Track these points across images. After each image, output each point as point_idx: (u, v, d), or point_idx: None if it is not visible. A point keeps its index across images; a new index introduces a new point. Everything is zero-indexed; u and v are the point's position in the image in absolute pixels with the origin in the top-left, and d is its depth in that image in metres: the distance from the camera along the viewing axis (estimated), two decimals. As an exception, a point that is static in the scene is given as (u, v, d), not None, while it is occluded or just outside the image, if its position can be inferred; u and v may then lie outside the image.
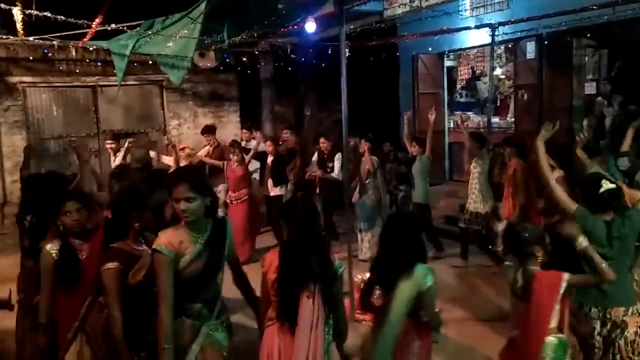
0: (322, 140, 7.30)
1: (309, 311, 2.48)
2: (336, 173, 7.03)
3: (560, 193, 3.14)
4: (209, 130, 7.97)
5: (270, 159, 7.47)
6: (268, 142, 7.61)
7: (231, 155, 7.04)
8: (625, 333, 2.92)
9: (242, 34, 6.74)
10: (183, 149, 7.10)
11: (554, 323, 2.71)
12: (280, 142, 7.81)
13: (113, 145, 7.27)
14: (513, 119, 8.62)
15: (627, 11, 5.97)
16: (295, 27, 7.17)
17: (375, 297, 2.84)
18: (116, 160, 7.01)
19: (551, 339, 2.70)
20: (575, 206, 3.06)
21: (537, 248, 2.80)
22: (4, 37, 7.08)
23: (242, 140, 8.37)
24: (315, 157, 7.39)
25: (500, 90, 9.90)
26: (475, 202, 6.15)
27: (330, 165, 7.15)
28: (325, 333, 2.56)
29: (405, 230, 2.74)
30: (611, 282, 2.78)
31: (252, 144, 7.74)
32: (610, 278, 2.76)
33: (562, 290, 2.68)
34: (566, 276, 2.69)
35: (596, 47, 8.22)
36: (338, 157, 6.99)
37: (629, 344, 2.93)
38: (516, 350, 2.85)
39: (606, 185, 3.02)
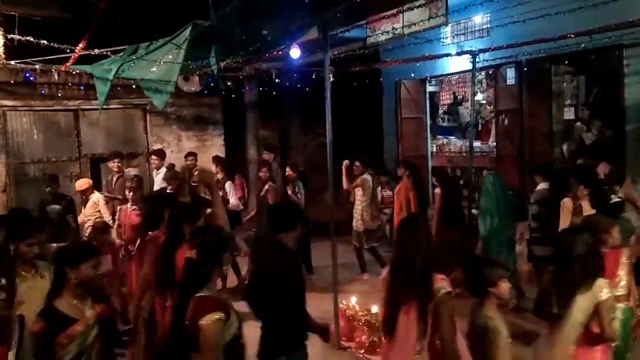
0: (287, 168, 7.54)
1: (403, 327, 2.64)
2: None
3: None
4: (157, 154, 8.24)
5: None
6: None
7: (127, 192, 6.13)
8: None
9: (227, 59, 6.77)
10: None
11: (622, 291, 3.34)
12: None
13: (157, 161, 7.90)
14: (494, 143, 8.73)
15: (604, 39, 6.13)
16: (280, 52, 7.23)
17: (382, 276, 3.03)
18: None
19: (621, 305, 3.32)
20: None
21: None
22: (-16, 61, 7.02)
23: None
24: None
25: (482, 115, 10.04)
26: (357, 220, 7.14)
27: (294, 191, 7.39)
28: (416, 352, 2.68)
29: (584, 246, 2.94)
30: None
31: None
32: None
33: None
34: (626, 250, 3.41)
35: (574, 74, 8.40)
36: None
37: None
38: None
39: None
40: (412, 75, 9.57)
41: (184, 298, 2.50)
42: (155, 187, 7.91)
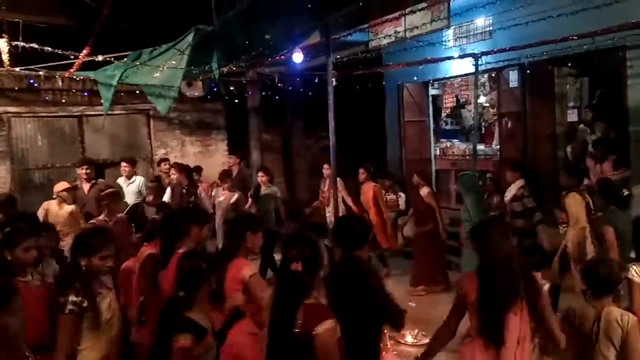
0: (260, 173, 7.42)
1: (515, 328, 2.58)
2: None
3: None
4: (128, 162, 7.78)
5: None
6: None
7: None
8: None
9: (230, 64, 6.80)
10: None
11: None
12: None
13: (128, 169, 7.52)
14: (498, 146, 8.72)
15: (607, 41, 6.13)
16: (283, 57, 7.25)
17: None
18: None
19: None
20: None
21: None
22: (-11, 67, 7.06)
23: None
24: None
25: (485, 118, 10.03)
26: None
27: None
28: (531, 350, 2.73)
29: None
30: None
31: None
32: None
33: None
34: None
35: (577, 76, 8.41)
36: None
37: None
38: None
39: None
40: (415, 78, 9.58)
41: (292, 307, 2.40)
42: (128, 199, 7.24)
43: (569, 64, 7.43)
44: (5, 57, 6.01)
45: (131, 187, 7.49)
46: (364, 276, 2.84)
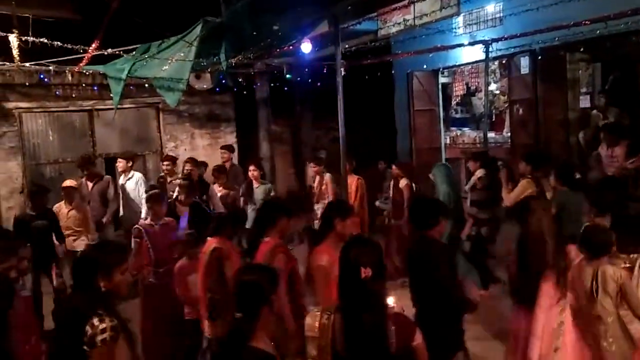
0: (251, 167, 7.14)
1: (546, 292, 2.97)
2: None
3: None
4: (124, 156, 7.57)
5: None
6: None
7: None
8: None
9: (238, 56, 6.78)
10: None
11: None
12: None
13: (122, 164, 7.24)
14: (509, 134, 8.64)
15: (619, 25, 6.02)
16: (291, 47, 7.22)
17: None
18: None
19: None
20: None
21: None
22: (0, 63, 7.09)
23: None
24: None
25: (496, 106, 9.95)
26: None
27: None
28: (558, 313, 3.04)
29: None
30: None
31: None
32: None
33: None
34: None
35: (589, 61, 8.29)
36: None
37: None
38: None
39: None
40: (424, 66, 9.50)
41: (379, 321, 2.21)
42: (130, 194, 7.09)
43: (582, 49, 7.33)
44: (15, 52, 6.03)
45: (129, 184, 7.22)
46: (434, 256, 3.03)
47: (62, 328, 2.49)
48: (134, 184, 7.19)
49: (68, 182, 6.32)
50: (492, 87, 9.64)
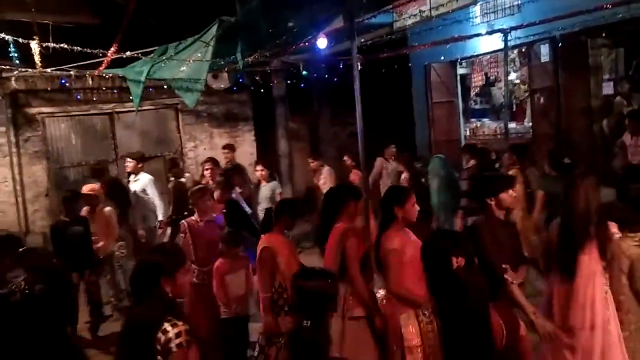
0: (259, 167, 7.07)
1: (586, 265, 3.03)
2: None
3: None
4: (131, 156, 7.27)
5: None
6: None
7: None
8: None
9: (254, 54, 6.79)
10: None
11: None
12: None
13: (131, 165, 6.98)
14: (530, 124, 8.51)
15: (642, 8, 5.88)
16: (307, 43, 7.20)
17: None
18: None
19: None
20: None
21: None
22: (22, 70, 7.23)
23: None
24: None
25: (516, 95, 9.80)
26: None
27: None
28: (603, 284, 3.06)
29: None
30: None
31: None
32: None
33: None
34: None
35: (612, 46, 8.09)
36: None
37: None
38: None
39: None
40: (442, 58, 9.40)
41: (483, 313, 2.07)
42: (132, 198, 6.86)
43: (603, 35, 7.16)
44: (37, 58, 6.13)
45: (134, 186, 6.93)
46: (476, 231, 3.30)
47: (129, 340, 2.31)
48: (140, 185, 6.91)
49: (86, 189, 6.09)
50: (512, 76, 9.49)
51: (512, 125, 8.74)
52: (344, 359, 2.49)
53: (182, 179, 7.58)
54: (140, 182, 6.94)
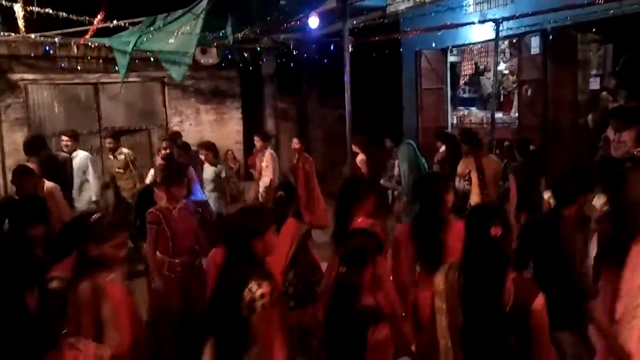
0: (202, 151, 6.63)
1: (636, 254, 2.96)
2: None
3: None
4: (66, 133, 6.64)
5: None
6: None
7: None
8: None
9: (245, 30, 6.71)
10: None
11: None
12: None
13: (70, 143, 6.40)
14: (517, 115, 8.56)
15: (634, 5, 5.90)
16: (298, 22, 7.13)
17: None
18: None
19: None
20: None
21: None
22: (5, 34, 7.06)
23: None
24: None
25: (504, 86, 9.83)
26: None
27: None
28: None
29: None
30: None
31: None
32: None
33: None
34: None
35: (601, 42, 8.14)
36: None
37: None
38: None
39: None
40: (433, 45, 9.36)
41: (499, 279, 2.23)
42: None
43: (594, 30, 7.19)
44: (20, 22, 5.99)
45: (75, 162, 6.33)
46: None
47: (219, 297, 2.44)
48: (77, 163, 6.34)
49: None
50: (502, 66, 9.51)
51: (499, 115, 8.77)
52: (375, 306, 2.61)
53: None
54: (78, 159, 6.38)
